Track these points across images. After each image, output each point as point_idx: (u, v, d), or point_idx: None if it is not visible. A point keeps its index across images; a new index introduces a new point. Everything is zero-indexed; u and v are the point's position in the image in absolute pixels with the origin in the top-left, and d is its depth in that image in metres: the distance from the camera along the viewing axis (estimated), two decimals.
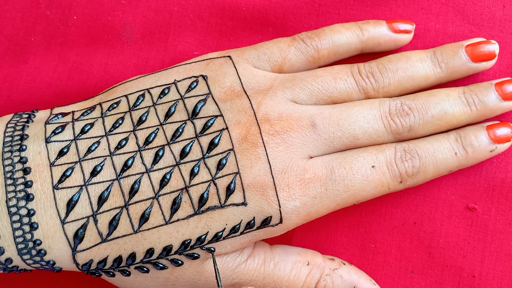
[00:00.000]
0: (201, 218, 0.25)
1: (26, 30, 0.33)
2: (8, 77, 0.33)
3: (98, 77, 0.32)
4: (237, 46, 0.32)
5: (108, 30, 0.33)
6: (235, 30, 0.33)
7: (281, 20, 0.32)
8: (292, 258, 0.28)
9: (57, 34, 0.33)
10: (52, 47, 0.33)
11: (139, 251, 0.25)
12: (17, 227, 0.24)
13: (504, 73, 0.31)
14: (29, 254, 0.24)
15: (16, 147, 0.25)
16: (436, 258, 0.30)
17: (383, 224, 0.30)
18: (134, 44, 0.33)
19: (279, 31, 0.33)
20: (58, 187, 0.24)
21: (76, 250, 0.24)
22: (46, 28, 0.33)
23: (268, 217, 0.26)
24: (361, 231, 0.30)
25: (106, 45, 0.33)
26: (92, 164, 0.25)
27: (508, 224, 0.30)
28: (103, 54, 0.33)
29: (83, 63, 0.33)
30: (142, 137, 0.26)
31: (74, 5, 0.33)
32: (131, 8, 0.33)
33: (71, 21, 0.33)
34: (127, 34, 0.33)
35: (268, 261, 0.27)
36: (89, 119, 0.26)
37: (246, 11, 0.33)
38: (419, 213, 0.30)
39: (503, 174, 0.30)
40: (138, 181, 0.25)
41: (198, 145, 0.26)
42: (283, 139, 0.26)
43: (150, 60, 0.33)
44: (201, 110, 0.26)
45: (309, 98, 0.28)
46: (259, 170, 0.25)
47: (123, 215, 0.25)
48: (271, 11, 0.33)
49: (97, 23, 0.33)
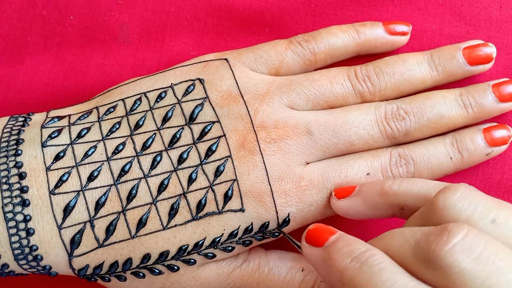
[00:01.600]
0: (199, 223, 0.25)
1: (23, 30, 0.33)
2: (5, 77, 0.32)
3: (95, 77, 0.32)
4: (234, 47, 0.32)
5: (104, 31, 0.33)
6: (232, 31, 0.33)
7: (278, 21, 0.32)
8: (287, 264, 0.28)
9: (54, 34, 0.33)
10: (49, 47, 0.33)
11: (136, 256, 0.25)
12: (13, 233, 0.24)
13: (500, 74, 0.30)
14: (26, 259, 0.24)
15: (12, 151, 0.25)
16: None
17: (380, 224, 0.30)
18: (130, 44, 0.33)
19: (275, 31, 0.32)
20: (54, 192, 0.24)
21: (72, 255, 0.24)
22: (42, 28, 0.33)
23: (266, 223, 0.26)
24: (357, 231, 0.30)
25: (103, 46, 0.33)
26: (89, 169, 0.25)
27: None
28: (100, 55, 0.33)
29: (80, 63, 0.33)
30: (140, 142, 0.26)
31: (70, 5, 0.33)
32: (128, 8, 0.33)
33: (68, 21, 0.33)
34: (124, 34, 0.33)
35: (263, 266, 0.27)
36: (86, 123, 0.26)
37: (243, 11, 0.33)
38: None
39: (499, 175, 0.30)
40: (136, 186, 0.25)
41: (195, 151, 0.26)
42: (279, 146, 0.26)
43: (147, 61, 0.33)
44: (198, 115, 0.26)
45: (306, 103, 0.28)
46: (257, 177, 0.26)
47: (121, 220, 0.25)
48: (268, 12, 0.33)
49: (93, 24, 0.33)
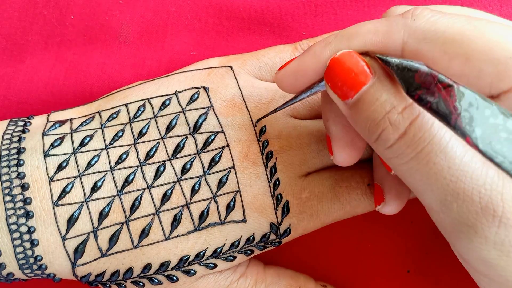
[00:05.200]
0: (201, 234, 0.25)
1: (23, 30, 0.33)
2: (5, 76, 0.32)
3: (95, 77, 0.32)
4: (234, 46, 0.32)
5: (105, 30, 0.33)
6: (232, 30, 0.33)
7: (278, 20, 0.32)
8: (284, 282, 0.28)
9: (54, 34, 0.33)
10: (49, 46, 0.33)
11: (137, 266, 0.25)
12: (18, 244, 0.24)
13: None
14: (30, 268, 0.24)
15: (14, 161, 0.24)
16: (433, 258, 0.30)
17: (380, 224, 0.30)
18: (131, 44, 0.33)
19: (276, 31, 0.33)
20: (58, 204, 0.24)
21: (76, 264, 0.24)
22: (43, 27, 0.33)
23: (267, 233, 0.26)
24: (357, 231, 0.30)
25: (103, 45, 0.33)
26: (93, 179, 0.25)
27: None
28: (100, 54, 0.33)
29: (80, 62, 0.33)
30: (143, 151, 0.26)
31: (71, 4, 0.33)
32: (129, 8, 0.33)
33: (68, 20, 0.33)
34: (124, 34, 0.33)
35: (259, 282, 0.27)
36: (88, 130, 0.26)
37: (243, 11, 0.33)
38: (415, 213, 0.30)
39: None
40: (139, 197, 0.25)
41: (199, 162, 0.26)
42: (282, 158, 0.26)
43: (147, 60, 0.33)
44: (202, 124, 0.26)
45: (309, 112, 0.28)
46: (259, 189, 0.26)
47: (124, 231, 0.24)
48: (268, 12, 0.33)
49: (94, 23, 0.33)
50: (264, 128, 0.26)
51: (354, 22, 0.32)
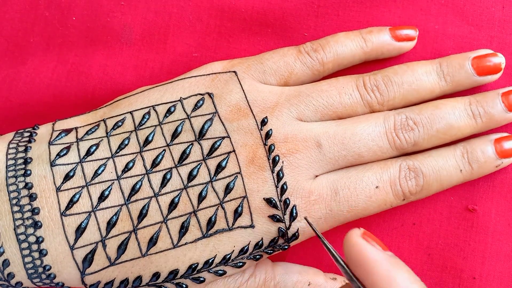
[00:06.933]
0: (209, 241, 0.25)
1: (25, 31, 0.33)
2: (7, 78, 0.32)
3: (97, 78, 0.32)
4: (236, 48, 0.32)
5: (107, 32, 0.33)
6: (234, 32, 0.33)
7: (280, 22, 0.32)
8: (293, 278, 0.28)
9: (56, 35, 0.33)
10: (51, 48, 0.33)
11: (146, 274, 0.25)
12: (26, 254, 0.24)
13: (504, 74, 0.30)
14: (39, 278, 0.24)
15: (20, 171, 0.24)
16: (436, 260, 0.30)
17: (382, 225, 0.30)
18: (133, 45, 0.33)
19: (278, 32, 0.32)
20: (66, 214, 0.24)
21: (84, 273, 0.24)
22: (45, 29, 0.33)
23: (276, 237, 0.26)
24: None
25: (105, 47, 0.33)
26: (100, 189, 0.25)
27: (508, 225, 0.29)
28: (102, 55, 0.33)
29: (82, 64, 0.33)
30: (149, 158, 0.26)
31: (73, 6, 0.33)
32: (130, 9, 0.33)
33: (70, 22, 0.33)
34: (126, 35, 0.33)
35: (268, 281, 0.27)
36: (94, 138, 0.26)
37: (245, 12, 0.33)
38: (418, 214, 0.30)
39: (503, 174, 0.30)
40: (146, 205, 0.25)
41: (205, 168, 0.26)
42: (289, 161, 0.26)
43: (149, 62, 0.33)
44: (208, 130, 0.26)
45: (314, 114, 0.28)
46: (266, 194, 0.26)
47: (132, 239, 0.25)
48: (270, 13, 0.33)
49: (96, 24, 0.33)
50: (270, 132, 0.26)
51: (356, 23, 0.32)
